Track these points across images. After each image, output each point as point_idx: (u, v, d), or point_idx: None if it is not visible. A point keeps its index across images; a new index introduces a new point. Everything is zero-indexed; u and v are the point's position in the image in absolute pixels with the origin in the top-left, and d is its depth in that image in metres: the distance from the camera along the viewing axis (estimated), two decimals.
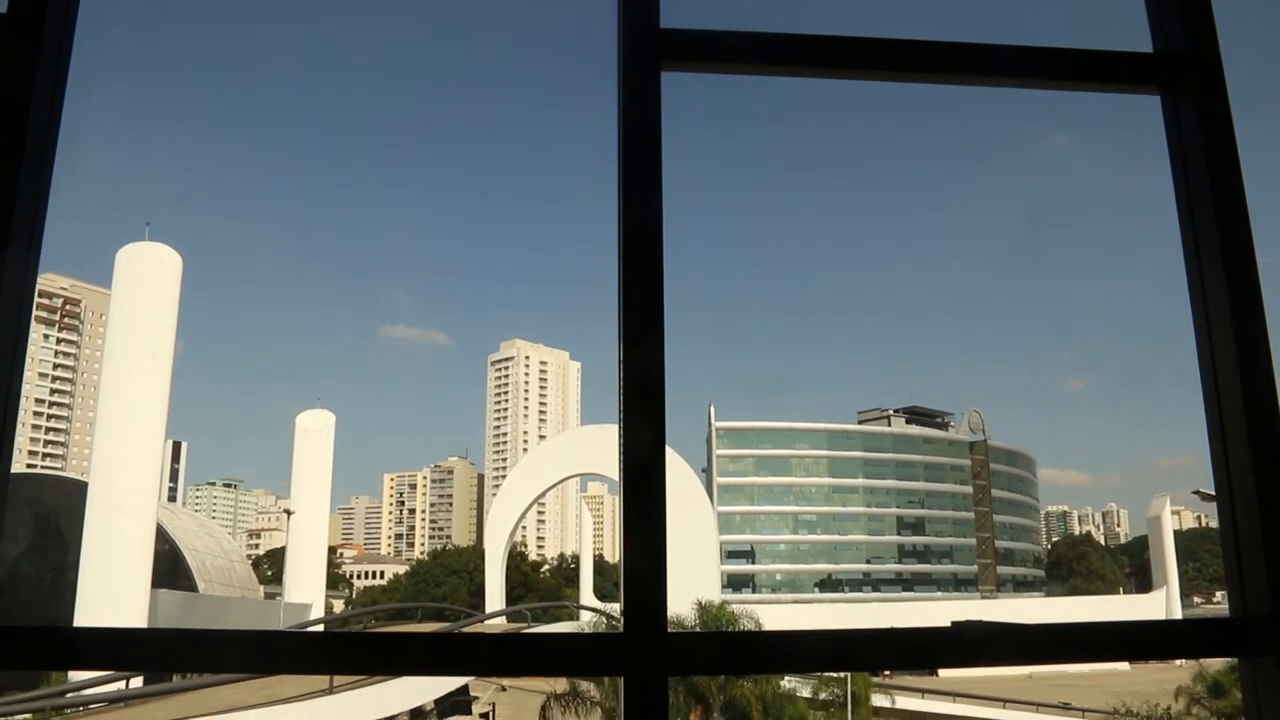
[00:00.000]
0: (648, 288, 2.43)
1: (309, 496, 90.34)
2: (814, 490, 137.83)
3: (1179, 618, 65.56)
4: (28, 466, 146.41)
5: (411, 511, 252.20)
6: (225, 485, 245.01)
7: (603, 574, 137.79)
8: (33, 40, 2.46)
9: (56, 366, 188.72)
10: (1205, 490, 63.46)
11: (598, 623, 71.08)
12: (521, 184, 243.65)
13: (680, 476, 49.68)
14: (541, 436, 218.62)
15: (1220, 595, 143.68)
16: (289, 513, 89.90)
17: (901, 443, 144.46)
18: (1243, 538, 2.50)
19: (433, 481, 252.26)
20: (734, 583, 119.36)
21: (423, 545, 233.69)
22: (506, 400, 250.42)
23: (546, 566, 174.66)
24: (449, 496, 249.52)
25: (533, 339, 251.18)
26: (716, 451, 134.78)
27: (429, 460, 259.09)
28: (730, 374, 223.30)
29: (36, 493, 78.83)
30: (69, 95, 2.53)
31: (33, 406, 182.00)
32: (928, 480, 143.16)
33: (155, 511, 59.80)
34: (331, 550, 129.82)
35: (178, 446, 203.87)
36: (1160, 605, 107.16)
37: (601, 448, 60.35)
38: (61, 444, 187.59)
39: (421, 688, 39.28)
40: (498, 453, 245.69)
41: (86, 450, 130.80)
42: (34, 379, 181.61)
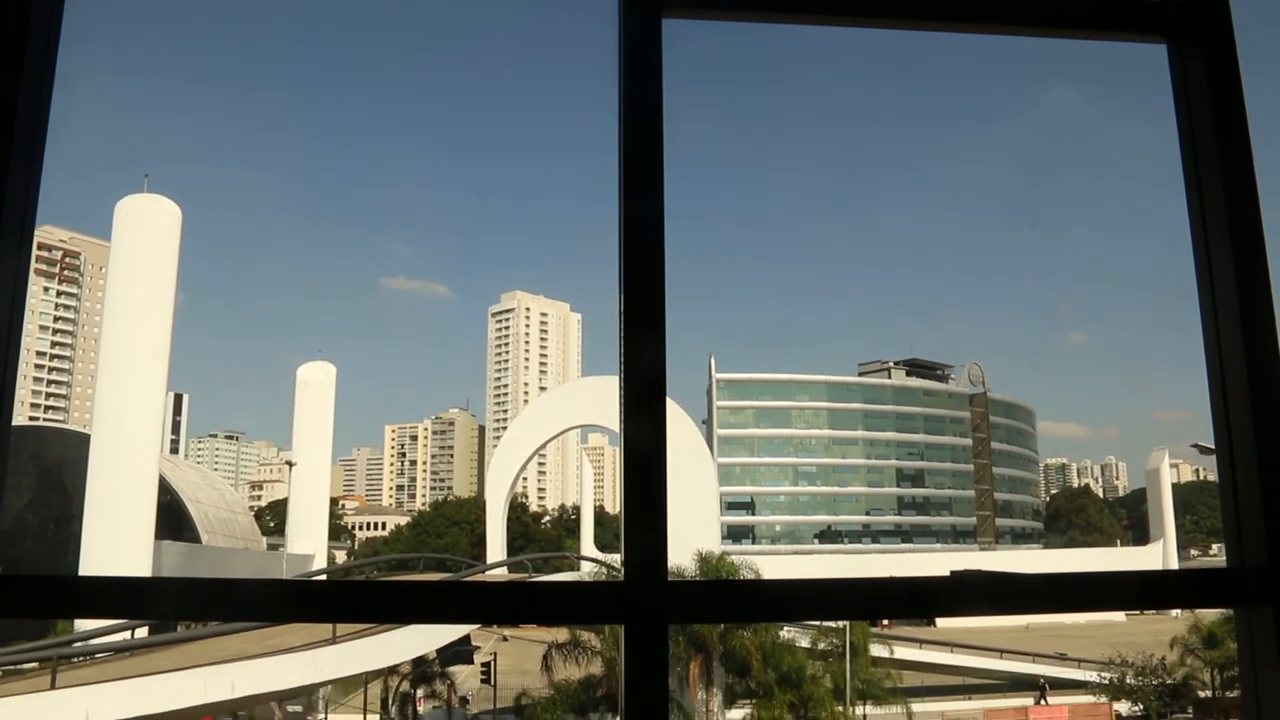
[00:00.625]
0: (648, 239, 2.42)
1: (310, 448, 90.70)
2: (814, 442, 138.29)
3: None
4: (30, 419, 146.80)
5: (413, 463, 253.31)
6: (227, 437, 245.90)
7: (603, 525, 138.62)
8: None
9: (57, 319, 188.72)
10: (1204, 444, 63.67)
11: (598, 573, 71.64)
12: (521, 134, 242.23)
13: (680, 428, 49.82)
14: (542, 388, 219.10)
15: (1216, 548, 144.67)
16: (290, 464, 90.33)
17: (901, 395, 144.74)
18: (1241, 490, 2.51)
19: (434, 433, 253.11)
20: (734, 534, 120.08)
21: (424, 496, 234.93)
22: (507, 352, 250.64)
23: (547, 517, 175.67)
24: (450, 448, 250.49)
25: (533, 290, 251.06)
26: (717, 403, 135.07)
27: (430, 412, 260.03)
28: (731, 326, 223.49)
29: (39, 445, 79.10)
30: (64, 42, 2.50)
31: (34, 359, 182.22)
32: (927, 432, 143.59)
33: (158, 463, 60.06)
34: (333, 501, 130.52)
35: (179, 398, 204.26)
36: (1157, 558, 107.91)
37: (602, 399, 60.49)
38: (63, 396, 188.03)
39: (423, 637, 39.63)
40: (498, 404, 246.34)
41: (88, 403, 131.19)
42: (34, 332, 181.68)
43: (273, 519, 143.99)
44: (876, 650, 52.47)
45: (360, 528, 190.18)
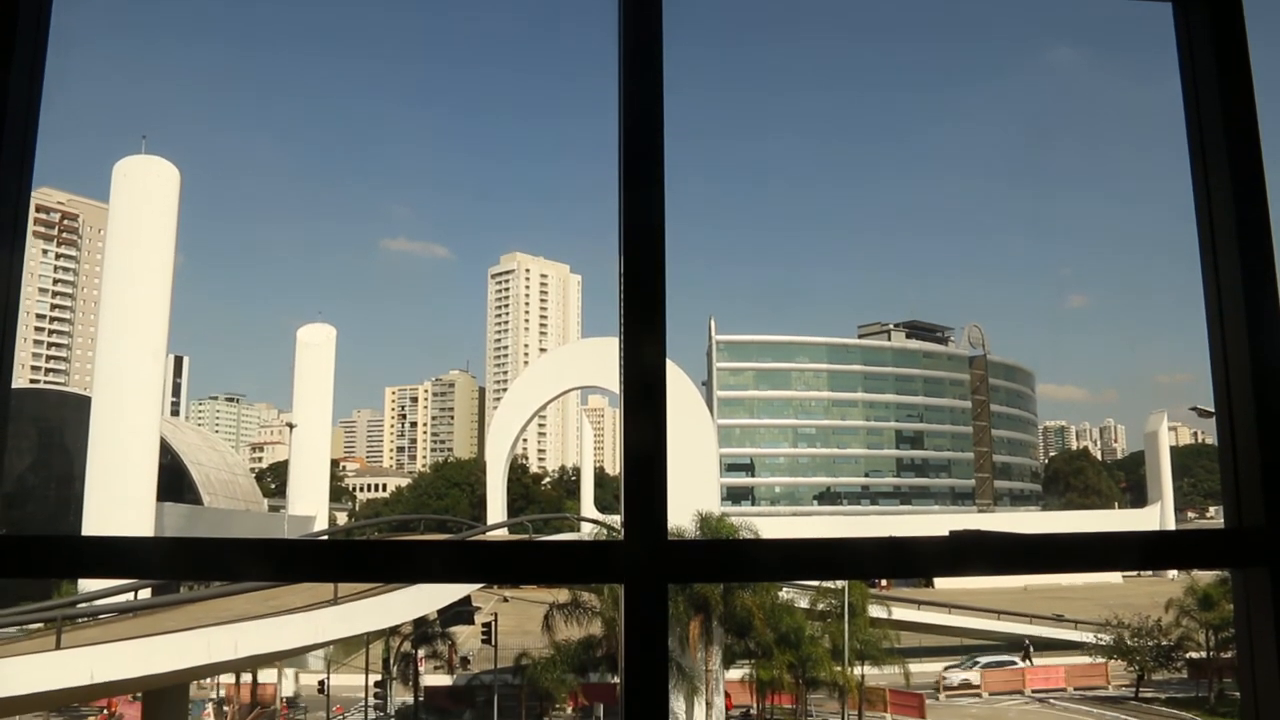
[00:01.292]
0: (649, 203, 2.41)
1: (311, 410, 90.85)
2: (813, 404, 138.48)
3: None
4: (30, 382, 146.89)
5: (413, 425, 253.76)
6: (227, 399, 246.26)
7: (603, 486, 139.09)
8: None
9: (56, 282, 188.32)
10: (1203, 407, 63.80)
11: (598, 534, 71.91)
12: (521, 96, 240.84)
13: (680, 389, 49.89)
14: (542, 349, 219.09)
15: (1214, 511, 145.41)
16: (291, 426, 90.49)
17: (901, 357, 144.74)
18: (1240, 451, 2.52)
19: (434, 395, 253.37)
20: (733, 495, 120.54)
21: (424, 458, 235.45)
22: (507, 313, 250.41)
23: (547, 479, 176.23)
24: (450, 409, 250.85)
25: (533, 252, 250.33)
26: (717, 364, 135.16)
27: (430, 373, 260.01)
28: (731, 287, 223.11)
29: (40, 408, 79.27)
30: (59, 1, 2.48)
31: (34, 322, 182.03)
32: (927, 395, 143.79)
33: (159, 425, 60.17)
34: (334, 463, 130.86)
35: (179, 361, 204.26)
36: (1155, 520, 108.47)
37: (602, 361, 60.46)
38: (64, 359, 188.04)
39: (424, 598, 39.81)
40: (498, 366, 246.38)
41: (89, 365, 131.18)
42: (34, 294, 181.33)
43: (274, 481, 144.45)
44: (875, 611, 52.87)
45: (361, 489, 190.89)
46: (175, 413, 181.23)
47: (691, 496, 44.48)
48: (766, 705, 48.85)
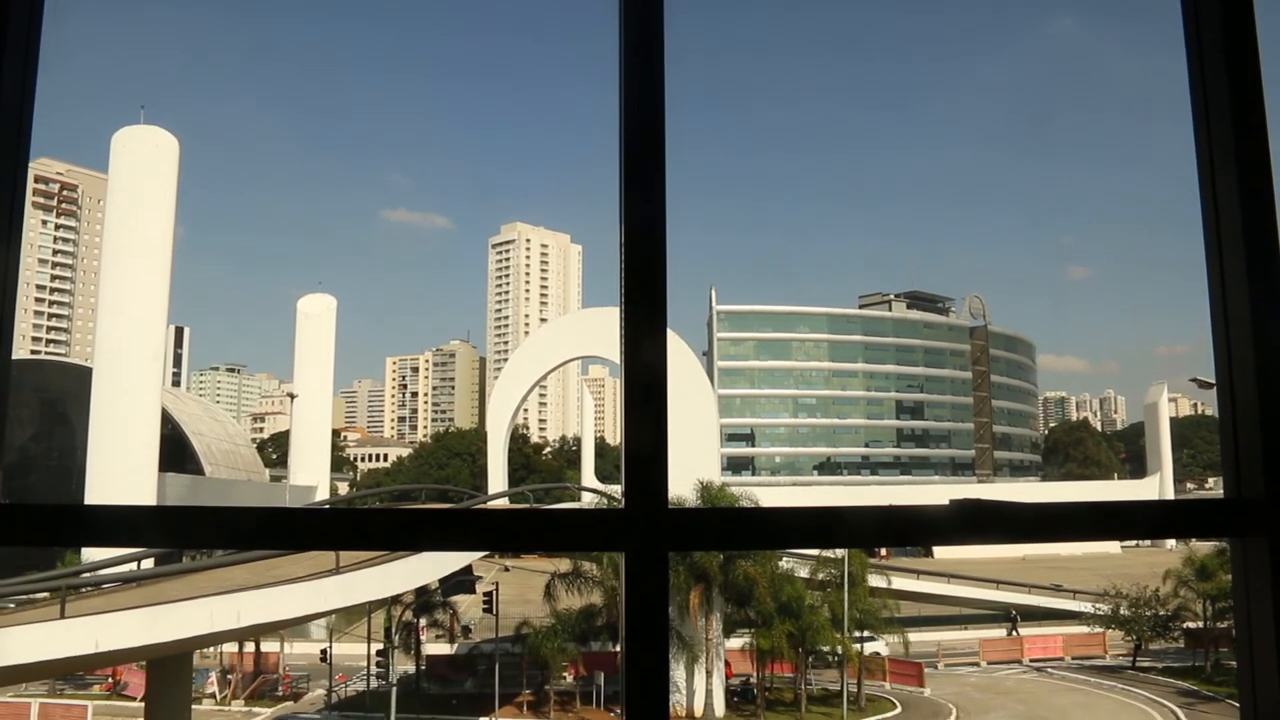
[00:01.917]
0: (650, 169, 2.40)
1: (312, 380, 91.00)
2: (814, 374, 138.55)
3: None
4: (31, 353, 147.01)
5: (414, 395, 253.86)
6: (228, 370, 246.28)
7: (604, 456, 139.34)
8: None
9: (56, 253, 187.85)
10: (1203, 378, 63.93)
11: (599, 503, 72.15)
12: (522, 65, 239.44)
13: (681, 359, 49.93)
14: (543, 319, 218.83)
15: (1213, 482, 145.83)
16: (292, 396, 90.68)
17: (902, 327, 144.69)
18: (1240, 421, 2.52)
19: (435, 365, 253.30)
20: (734, 465, 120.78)
21: (425, 428, 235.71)
22: (508, 283, 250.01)
23: (548, 449, 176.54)
24: (451, 379, 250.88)
25: (533, 222, 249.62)
26: (717, 334, 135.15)
27: (431, 344, 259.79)
28: (732, 257, 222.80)
29: (42, 378, 79.38)
30: None
31: (34, 293, 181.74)
32: (927, 365, 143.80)
33: (160, 396, 60.24)
34: (335, 433, 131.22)
35: (180, 331, 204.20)
36: (1154, 491, 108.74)
37: (603, 331, 60.41)
38: (64, 330, 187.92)
39: (426, 567, 40.00)
40: (499, 336, 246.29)
41: (90, 336, 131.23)
42: (34, 265, 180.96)
43: (275, 451, 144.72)
44: (874, 580, 53.06)
45: (362, 459, 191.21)
46: (176, 383, 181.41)
47: (692, 466, 44.60)
48: (766, 674, 49.16)
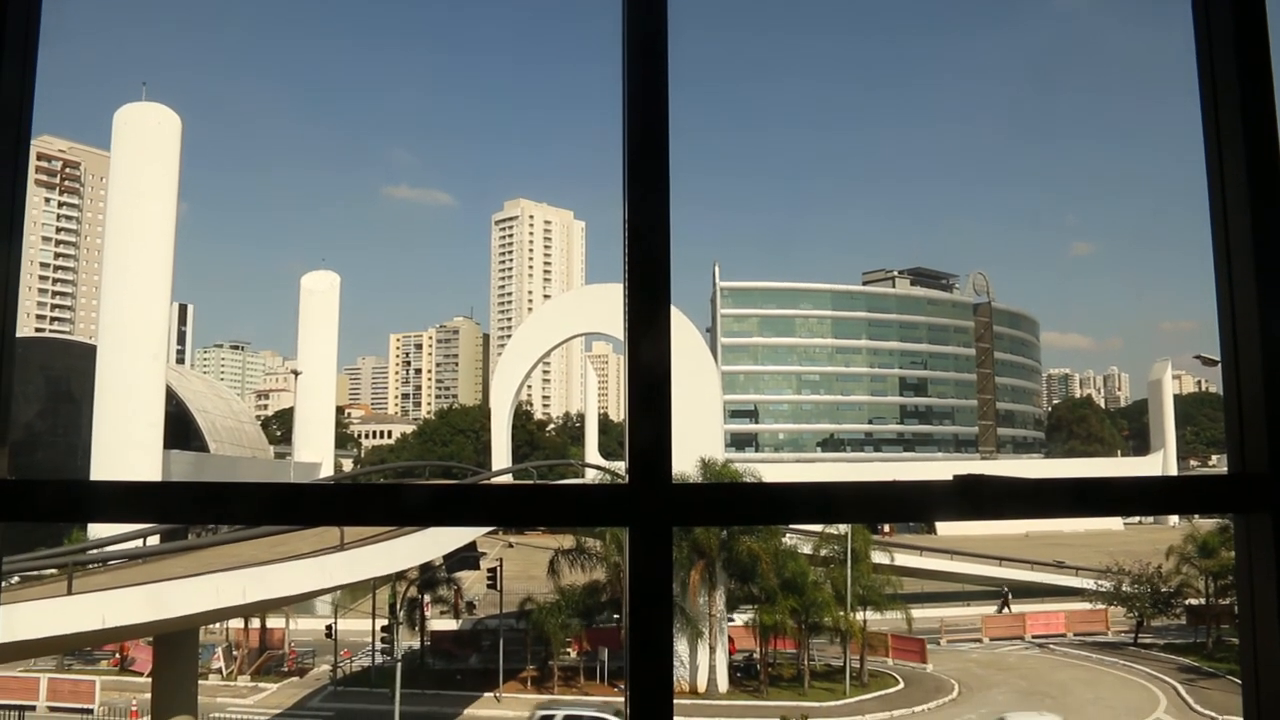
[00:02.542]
0: (655, 205, 2.38)
1: (315, 357, 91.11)
2: (817, 350, 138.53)
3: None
4: (35, 330, 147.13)
5: (418, 371, 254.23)
6: (232, 347, 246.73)
7: (607, 433, 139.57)
8: None
9: (59, 230, 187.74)
10: (1207, 355, 63.78)
11: (603, 479, 72.26)
12: (525, 41, 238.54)
13: (684, 336, 49.91)
14: (546, 296, 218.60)
15: (1216, 459, 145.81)
16: (296, 373, 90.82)
17: (905, 304, 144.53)
18: (1245, 396, 2.51)
19: (438, 341, 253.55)
20: (737, 441, 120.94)
21: (429, 405, 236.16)
22: (511, 260, 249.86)
23: (552, 425, 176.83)
24: (455, 356, 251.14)
25: (536, 198, 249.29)
26: (721, 311, 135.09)
27: (434, 320, 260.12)
28: (736, 234, 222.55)
29: (47, 356, 79.48)
30: None
31: (37, 270, 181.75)
32: (931, 342, 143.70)
33: (164, 373, 60.32)
34: (339, 410, 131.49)
35: (184, 309, 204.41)
36: (1157, 468, 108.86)
37: (606, 307, 60.31)
38: (68, 308, 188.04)
39: (430, 544, 40.12)
40: (503, 312, 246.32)
41: (93, 313, 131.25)
42: (37, 243, 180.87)
43: (279, 428, 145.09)
44: (877, 557, 53.18)
45: (366, 436, 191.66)
46: (180, 361, 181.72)
47: (695, 442, 44.62)
48: (769, 650, 49.36)
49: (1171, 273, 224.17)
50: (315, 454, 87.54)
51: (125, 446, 53.91)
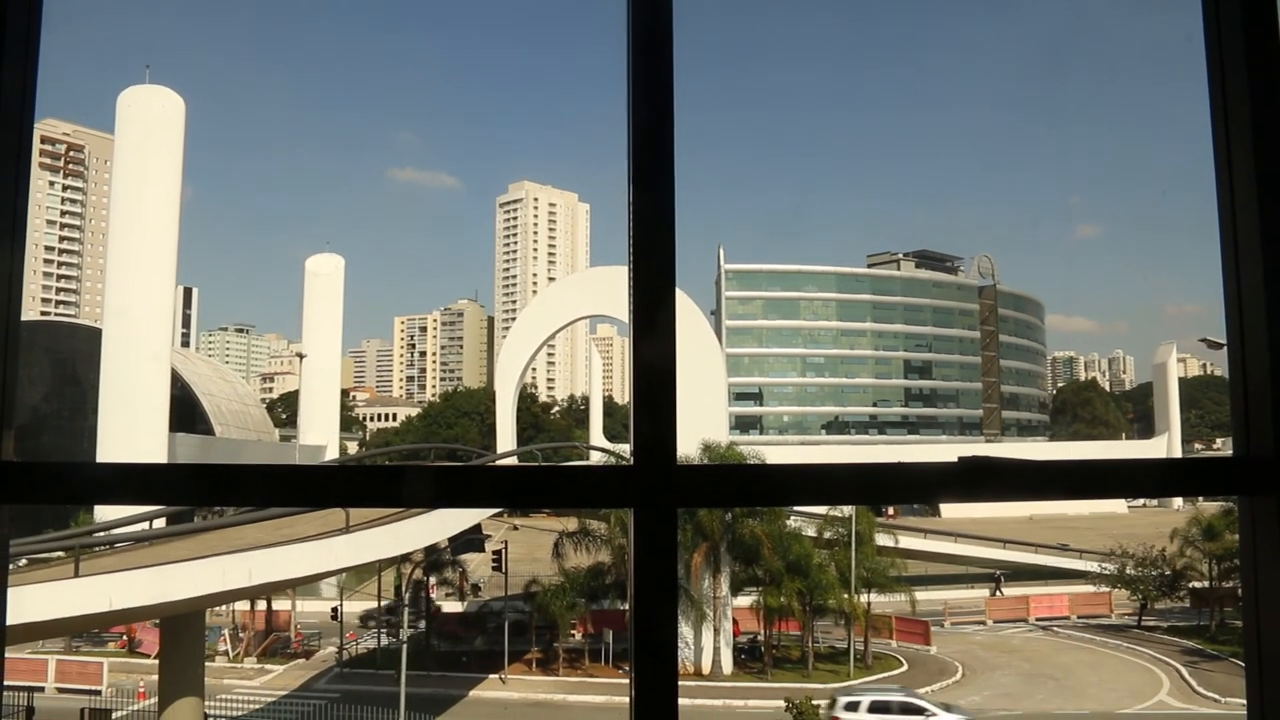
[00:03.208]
0: (660, 204, 2.37)
1: (320, 340, 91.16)
2: (822, 333, 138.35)
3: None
4: (41, 314, 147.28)
5: (422, 354, 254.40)
6: (237, 330, 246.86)
7: (612, 415, 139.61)
8: None
9: (64, 214, 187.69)
10: (1212, 338, 63.69)
11: (607, 461, 72.32)
12: (530, 23, 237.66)
13: (689, 318, 49.85)
14: (551, 278, 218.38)
15: (1221, 442, 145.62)
16: (301, 356, 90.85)
17: (910, 286, 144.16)
18: (1250, 378, 2.51)
19: (443, 324, 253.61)
20: (741, 424, 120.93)
21: (434, 387, 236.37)
22: (516, 242, 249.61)
23: (557, 408, 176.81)
24: (459, 339, 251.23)
25: (541, 181, 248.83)
26: (725, 293, 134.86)
27: (439, 303, 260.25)
28: (740, 216, 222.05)
29: (52, 339, 79.64)
30: None
31: (42, 254, 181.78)
32: (936, 324, 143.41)
33: (170, 356, 60.39)
34: (344, 393, 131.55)
35: (189, 292, 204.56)
36: (1162, 451, 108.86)
37: (611, 289, 60.14)
38: (73, 291, 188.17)
39: (435, 526, 40.14)
40: (507, 295, 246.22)
41: (99, 297, 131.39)
42: (41, 227, 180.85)
43: (284, 411, 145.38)
44: (881, 540, 53.25)
45: (371, 419, 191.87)
46: (185, 344, 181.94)
47: (700, 425, 44.63)
48: (774, 632, 49.48)
49: (1177, 256, 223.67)
50: (320, 437, 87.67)
51: (131, 430, 54.03)
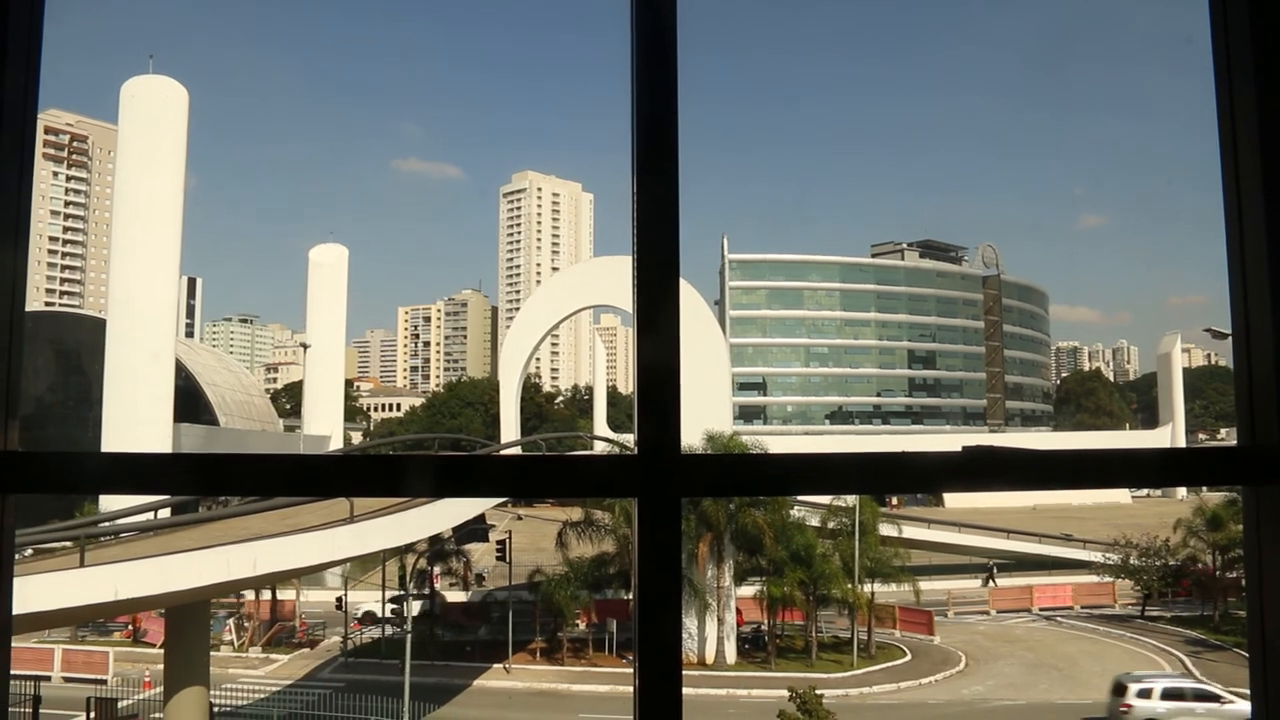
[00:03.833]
0: (665, 202, 2.37)
1: (324, 330, 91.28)
2: (826, 323, 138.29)
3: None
4: (45, 304, 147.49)
5: (426, 344, 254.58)
6: (241, 320, 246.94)
7: (616, 405, 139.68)
8: None
9: (68, 204, 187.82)
10: (1217, 328, 63.53)
11: (612, 451, 72.28)
12: (533, 13, 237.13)
13: (693, 308, 49.83)
14: (554, 268, 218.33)
15: (1225, 433, 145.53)
16: (305, 346, 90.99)
17: (914, 276, 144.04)
18: (1256, 368, 2.50)
19: (447, 314, 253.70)
20: (745, 414, 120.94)
21: (438, 377, 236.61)
22: (519, 232, 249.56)
23: (560, 398, 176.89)
24: (463, 329, 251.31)
25: (544, 171, 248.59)
26: (729, 283, 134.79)
27: (443, 293, 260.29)
28: (745, 205, 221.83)
29: (57, 330, 79.70)
30: None
31: (46, 244, 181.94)
32: (939, 314, 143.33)
33: (174, 347, 60.44)
34: (348, 383, 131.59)
35: (193, 282, 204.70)
36: (1166, 441, 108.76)
37: (614, 279, 60.13)
38: (77, 282, 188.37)
39: (439, 516, 40.17)
40: (511, 285, 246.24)
41: (103, 287, 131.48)
42: (46, 217, 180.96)
43: (288, 401, 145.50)
44: (885, 529, 53.24)
45: (375, 409, 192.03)
46: (189, 334, 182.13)
47: (703, 415, 44.60)
48: (778, 621, 49.53)
49: (1182, 246, 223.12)
50: (324, 427, 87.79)
51: (135, 420, 54.13)
